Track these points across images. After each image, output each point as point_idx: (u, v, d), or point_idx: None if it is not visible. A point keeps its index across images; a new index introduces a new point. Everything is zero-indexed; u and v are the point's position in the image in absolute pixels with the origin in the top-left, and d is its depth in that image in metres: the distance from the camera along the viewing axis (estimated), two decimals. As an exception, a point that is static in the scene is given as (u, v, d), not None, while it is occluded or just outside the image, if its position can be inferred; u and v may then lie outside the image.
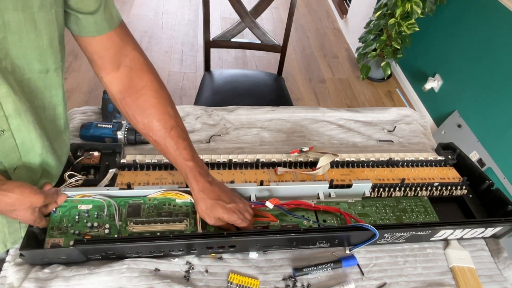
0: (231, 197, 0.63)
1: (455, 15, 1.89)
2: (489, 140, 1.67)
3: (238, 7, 1.36)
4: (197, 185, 0.61)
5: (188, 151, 0.61)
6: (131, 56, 0.60)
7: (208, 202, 0.61)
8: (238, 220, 0.62)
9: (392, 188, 0.77)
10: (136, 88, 0.60)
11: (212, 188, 0.62)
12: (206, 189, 0.61)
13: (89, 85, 2.13)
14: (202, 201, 0.61)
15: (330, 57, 2.66)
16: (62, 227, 0.62)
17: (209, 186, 0.61)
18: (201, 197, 0.61)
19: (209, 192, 0.61)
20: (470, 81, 1.80)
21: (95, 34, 0.55)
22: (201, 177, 0.61)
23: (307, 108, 1.00)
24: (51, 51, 0.51)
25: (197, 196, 0.61)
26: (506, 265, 0.70)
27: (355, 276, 0.66)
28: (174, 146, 0.61)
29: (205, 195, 0.61)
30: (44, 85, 0.53)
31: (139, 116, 0.60)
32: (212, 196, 0.61)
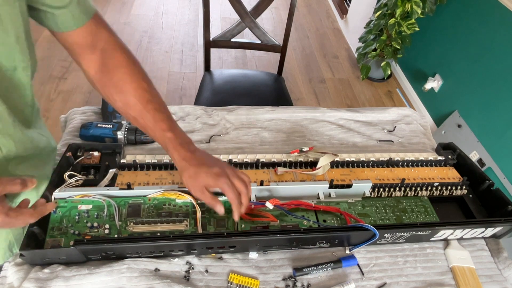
0: (217, 162, 0.61)
1: (455, 15, 1.89)
2: (489, 140, 1.67)
3: (238, 7, 1.36)
4: (178, 155, 0.59)
5: (166, 123, 0.60)
6: (104, 38, 0.60)
7: (191, 170, 0.58)
8: (225, 186, 0.58)
9: (392, 188, 0.77)
10: (109, 67, 0.60)
11: (194, 156, 0.59)
12: (188, 158, 0.59)
13: (89, 85, 2.12)
14: (185, 170, 0.59)
15: (330, 57, 2.66)
16: (62, 227, 0.62)
17: (191, 155, 0.59)
18: (183, 166, 0.59)
19: (191, 160, 0.59)
20: (470, 81, 1.80)
21: (74, 27, 0.55)
22: (181, 147, 0.59)
23: (307, 108, 1.00)
24: (19, 47, 0.49)
25: (179, 165, 0.59)
26: (506, 265, 0.70)
27: (355, 276, 0.66)
28: (152, 119, 0.59)
29: (187, 163, 0.59)
30: (12, 84, 0.51)
31: (116, 95, 0.60)
32: (194, 163, 0.59)
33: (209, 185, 0.59)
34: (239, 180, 0.60)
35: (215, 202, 0.60)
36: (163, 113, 0.61)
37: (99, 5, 2.79)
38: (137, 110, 0.59)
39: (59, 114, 1.91)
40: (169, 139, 0.60)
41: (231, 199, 0.59)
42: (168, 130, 0.60)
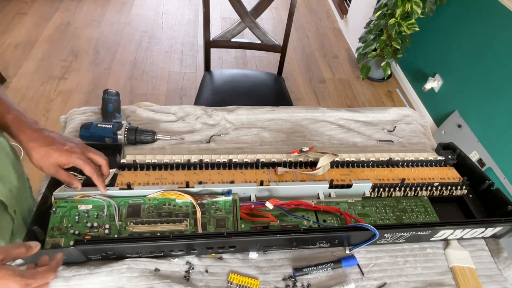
0: (67, 140, 0.59)
1: (455, 15, 1.89)
2: (489, 140, 1.67)
3: (238, 7, 1.36)
4: (25, 135, 0.55)
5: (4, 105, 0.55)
6: None
7: (41, 150, 0.56)
8: (79, 161, 0.57)
9: (392, 188, 0.77)
10: None
11: (43, 135, 0.57)
12: (36, 138, 0.56)
13: (89, 85, 2.13)
14: (34, 150, 0.55)
15: (330, 57, 2.66)
16: (62, 228, 0.62)
17: (40, 134, 0.56)
18: (32, 146, 0.55)
19: (40, 139, 0.56)
20: (470, 81, 1.80)
21: None
22: (27, 127, 0.56)
23: (307, 108, 1.00)
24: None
25: (27, 147, 0.55)
26: (506, 265, 0.70)
27: (355, 276, 0.66)
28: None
29: (36, 143, 0.56)
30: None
31: None
32: (44, 143, 0.56)
33: (62, 163, 0.57)
34: (93, 153, 0.60)
35: (71, 178, 0.59)
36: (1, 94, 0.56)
37: (99, 5, 2.80)
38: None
39: (59, 114, 1.91)
40: (10, 121, 0.55)
41: (89, 172, 0.59)
42: (8, 112, 0.55)
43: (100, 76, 2.21)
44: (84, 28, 2.57)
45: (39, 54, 2.29)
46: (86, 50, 2.39)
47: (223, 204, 0.68)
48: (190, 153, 0.82)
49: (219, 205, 0.68)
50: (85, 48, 2.40)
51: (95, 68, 2.26)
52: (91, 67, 2.26)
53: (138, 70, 2.29)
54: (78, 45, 2.42)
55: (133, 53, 2.42)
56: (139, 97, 2.11)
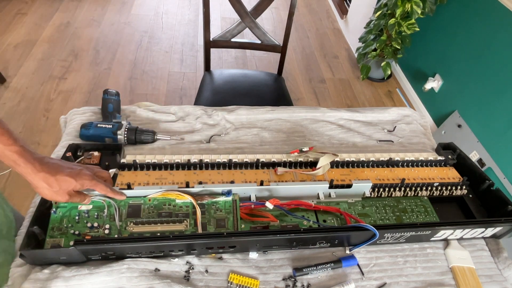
0: (72, 165, 0.60)
1: (455, 15, 1.89)
2: (489, 140, 1.67)
3: (238, 7, 1.36)
4: (34, 167, 0.54)
5: (9, 136, 0.53)
6: None
7: (51, 180, 0.55)
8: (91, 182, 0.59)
9: (392, 188, 0.77)
10: None
11: (49, 165, 0.56)
12: (45, 169, 0.55)
13: (89, 85, 2.13)
14: (45, 181, 0.55)
15: (330, 57, 2.66)
16: (62, 228, 0.62)
17: (46, 165, 0.56)
18: (41, 177, 0.55)
19: (48, 170, 0.56)
20: (470, 81, 1.80)
21: None
22: (34, 158, 0.55)
23: (307, 108, 1.00)
24: None
25: (36, 178, 0.55)
26: (506, 265, 0.70)
27: (355, 276, 0.66)
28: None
29: (46, 173, 0.55)
30: None
31: None
32: (55, 172, 0.56)
33: (76, 188, 0.58)
34: (99, 171, 0.64)
35: (84, 197, 0.62)
36: (2, 127, 0.53)
37: (99, 5, 2.80)
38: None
39: (59, 114, 1.91)
40: (18, 153, 0.53)
41: (103, 190, 0.61)
42: (14, 143, 0.53)
43: (100, 76, 2.21)
44: (84, 28, 2.57)
45: (39, 54, 2.29)
46: (86, 50, 2.39)
47: (223, 204, 0.68)
48: (190, 153, 0.82)
49: (219, 205, 0.68)
50: (85, 48, 2.40)
51: (95, 68, 2.26)
52: (91, 67, 2.26)
53: (138, 70, 2.29)
54: (78, 45, 2.42)
55: (133, 53, 2.42)
56: (139, 97, 2.11)
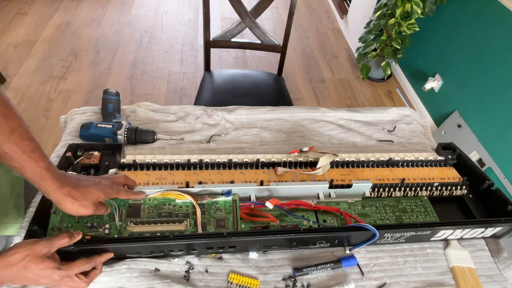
0: (92, 177, 0.61)
1: (455, 15, 1.89)
2: (489, 140, 1.67)
3: (238, 7, 1.36)
4: (59, 183, 0.55)
5: (40, 153, 0.54)
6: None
7: (76, 193, 0.56)
8: (112, 190, 0.60)
9: (392, 188, 0.77)
10: None
11: (72, 180, 0.57)
12: (69, 183, 0.56)
13: (89, 85, 2.13)
14: (71, 194, 0.55)
15: (330, 57, 2.66)
16: (62, 228, 0.62)
17: (70, 178, 0.57)
18: (68, 192, 0.55)
19: (73, 184, 0.56)
20: (470, 81, 1.80)
21: None
22: (60, 175, 0.55)
23: (307, 108, 1.00)
24: None
25: (62, 192, 0.55)
26: (506, 265, 0.70)
27: (355, 276, 0.66)
28: (19, 150, 0.51)
29: (71, 187, 0.56)
30: None
31: None
32: (77, 185, 0.57)
33: (100, 198, 0.59)
34: (116, 178, 0.64)
35: (107, 207, 0.62)
36: (32, 141, 0.53)
37: (99, 5, 2.80)
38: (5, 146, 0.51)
39: (59, 114, 1.91)
40: (47, 170, 0.54)
41: (125, 195, 0.63)
42: (43, 160, 0.54)
43: (100, 76, 2.21)
44: (84, 28, 2.57)
45: (39, 54, 2.29)
46: (86, 50, 2.38)
47: (223, 205, 0.68)
48: (190, 153, 0.82)
49: (219, 205, 0.68)
50: (85, 48, 2.40)
51: (95, 68, 2.26)
52: (91, 67, 2.26)
53: (138, 70, 2.29)
54: (78, 45, 2.42)
55: (133, 53, 2.42)
56: (139, 97, 2.11)
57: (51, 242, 0.53)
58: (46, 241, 0.52)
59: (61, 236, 0.54)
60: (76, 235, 0.56)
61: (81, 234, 0.57)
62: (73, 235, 0.55)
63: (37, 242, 0.52)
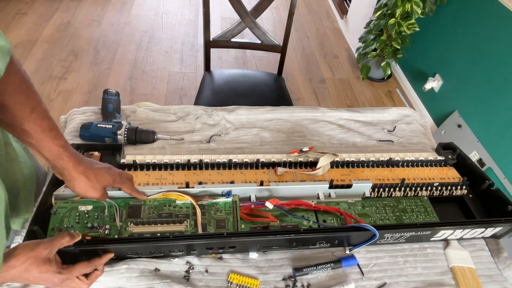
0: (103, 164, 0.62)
1: (455, 15, 1.89)
2: (489, 140, 1.67)
3: (238, 7, 1.36)
4: (76, 161, 0.56)
5: (57, 131, 0.55)
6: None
7: (90, 173, 0.58)
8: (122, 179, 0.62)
9: (392, 188, 0.77)
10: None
11: (88, 160, 0.59)
12: (85, 163, 0.58)
13: (89, 85, 2.13)
14: (86, 174, 0.57)
15: (330, 57, 2.66)
16: (62, 228, 0.62)
17: (85, 159, 0.59)
18: (83, 170, 0.57)
19: (88, 164, 0.58)
20: (470, 81, 1.80)
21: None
22: (75, 154, 0.57)
23: (307, 108, 1.00)
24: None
25: (76, 171, 0.56)
26: (506, 265, 0.71)
27: (355, 276, 0.66)
28: (38, 129, 0.53)
29: (87, 168, 0.57)
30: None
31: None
32: (91, 166, 0.58)
33: (108, 184, 0.60)
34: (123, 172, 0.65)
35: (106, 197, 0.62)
36: (50, 120, 0.55)
37: (99, 5, 2.80)
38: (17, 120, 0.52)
39: (59, 114, 1.91)
40: (63, 147, 0.55)
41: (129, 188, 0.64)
42: (60, 138, 0.55)
43: (100, 76, 2.20)
44: (84, 28, 2.57)
45: (39, 54, 2.29)
46: (86, 50, 2.38)
47: (223, 205, 0.68)
48: (190, 153, 0.82)
49: (219, 206, 0.68)
50: (85, 48, 2.40)
51: (95, 68, 2.25)
52: (91, 67, 2.26)
53: (138, 70, 2.29)
54: (78, 45, 2.41)
55: (133, 53, 2.42)
56: (139, 97, 2.11)
57: (52, 244, 0.53)
58: (47, 243, 0.52)
59: (62, 236, 0.54)
60: (76, 236, 0.56)
61: (81, 235, 0.57)
62: (73, 235, 0.55)
63: (38, 244, 0.52)
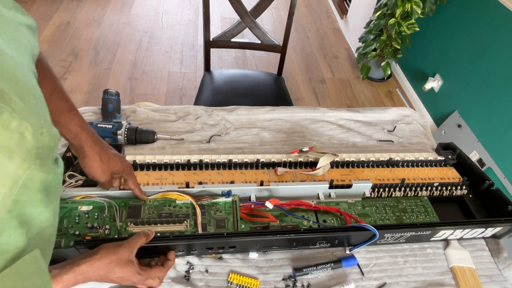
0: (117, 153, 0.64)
1: (455, 15, 1.89)
2: (489, 140, 1.67)
3: (238, 7, 1.36)
4: (93, 141, 0.59)
5: (75, 112, 0.58)
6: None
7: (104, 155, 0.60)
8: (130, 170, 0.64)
9: (392, 188, 0.77)
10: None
11: (105, 144, 0.62)
12: (102, 144, 0.61)
13: (89, 85, 2.13)
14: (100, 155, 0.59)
15: (330, 57, 2.66)
16: (62, 228, 0.62)
17: (104, 143, 0.61)
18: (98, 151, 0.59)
19: (106, 147, 0.61)
20: (470, 81, 1.80)
21: None
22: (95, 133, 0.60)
23: (307, 108, 1.00)
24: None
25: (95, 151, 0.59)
26: (506, 265, 0.71)
27: (355, 276, 0.66)
28: (57, 110, 0.55)
29: (103, 149, 0.60)
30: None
31: None
32: (108, 149, 0.61)
33: (118, 171, 0.62)
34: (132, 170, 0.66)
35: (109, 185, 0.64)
36: (69, 102, 0.58)
37: (99, 5, 2.80)
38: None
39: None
40: (81, 127, 0.58)
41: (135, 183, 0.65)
42: (77, 118, 0.58)
43: (100, 76, 2.20)
44: (84, 28, 2.57)
45: (39, 54, 2.29)
46: (86, 50, 2.38)
47: (223, 205, 0.68)
48: (190, 153, 0.82)
49: (219, 206, 0.68)
50: (85, 48, 2.40)
51: (95, 68, 2.25)
52: (91, 67, 2.26)
53: (138, 70, 2.29)
54: (78, 45, 2.41)
55: (133, 53, 2.42)
56: (139, 97, 2.11)
57: (131, 246, 0.55)
58: (127, 245, 0.55)
59: (139, 237, 0.56)
60: (150, 234, 0.58)
61: (154, 233, 0.58)
62: (148, 234, 0.57)
63: (120, 246, 0.54)
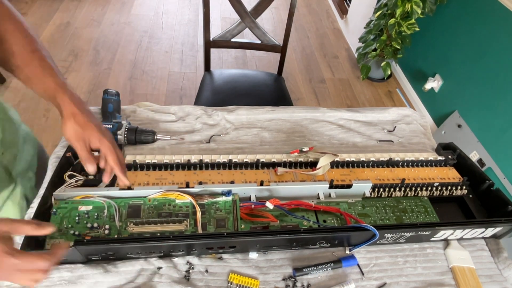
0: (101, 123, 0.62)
1: (455, 15, 1.89)
2: (489, 140, 1.67)
3: (238, 7, 1.36)
4: (70, 99, 0.57)
5: (55, 70, 0.57)
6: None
7: (80, 118, 0.57)
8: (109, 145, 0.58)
9: (392, 188, 0.77)
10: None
11: (85, 107, 0.59)
12: (80, 104, 0.58)
13: (89, 85, 2.13)
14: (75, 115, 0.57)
15: (330, 57, 2.66)
16: (62, 228, 0.62)
17: (83, 103, 0.59)
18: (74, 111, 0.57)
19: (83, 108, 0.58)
20: (470, 81, 1.80)
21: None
22: (73, 93, 0.57)
23: (307, 108, 1.00)
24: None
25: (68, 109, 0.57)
26: (506, 265, 0.71)
27: (355, 276, 0.66)
28: (39, 68, 0.56)
29: (78, 109, 0.57)
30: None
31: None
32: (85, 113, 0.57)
33: (93, 143, 0.58)
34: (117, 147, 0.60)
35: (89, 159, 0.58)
36: (51, 62, 0.58)
37: (99, 5, 2.80)
38: (21, 58, 0.56)
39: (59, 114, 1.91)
40: (59, 85, 0.57)
41: (114, 161, 0.58)
42: (57, 76, 0.57)
43: (100, 76, 2.21)
44: (84, 28, 2.57)
45: (39, 54, 2.29)
46: (86, 50, 2.39)
47: (223, 205, 0.68)
48: (190, 153, 0.82)
49: (219, 205, 0.68)
50: (85, 48, 2.40)
51: (95, 68, 2.26)
52: (91, 67, 2.26)
53: (138, 70, 2.29)
54: (78, 45, 2.42)
55: (133, 53, 2.42)
56: (139, 97, 2.11)
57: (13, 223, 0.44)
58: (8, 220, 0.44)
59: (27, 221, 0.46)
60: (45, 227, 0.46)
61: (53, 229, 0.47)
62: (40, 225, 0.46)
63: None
